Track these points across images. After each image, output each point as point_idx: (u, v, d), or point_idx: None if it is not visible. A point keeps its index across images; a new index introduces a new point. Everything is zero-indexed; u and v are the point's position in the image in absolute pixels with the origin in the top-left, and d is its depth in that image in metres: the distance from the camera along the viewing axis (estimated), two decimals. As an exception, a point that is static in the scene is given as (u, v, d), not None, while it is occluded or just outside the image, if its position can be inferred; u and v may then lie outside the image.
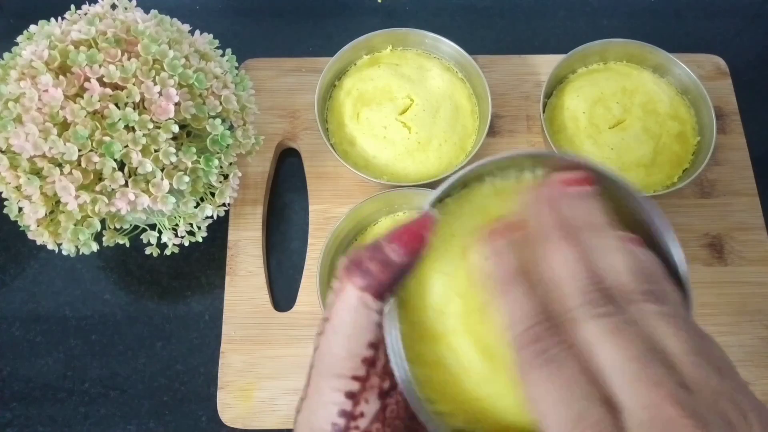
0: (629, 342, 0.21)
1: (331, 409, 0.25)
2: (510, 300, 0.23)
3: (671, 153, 0.59)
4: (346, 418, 0.25)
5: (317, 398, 0.25)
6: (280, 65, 0.67)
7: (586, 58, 0.63)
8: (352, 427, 0.25)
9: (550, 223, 0.24)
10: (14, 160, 0.46)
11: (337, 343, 0.25)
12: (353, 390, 0.25)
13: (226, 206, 0.54)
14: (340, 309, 0.24)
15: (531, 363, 0.22)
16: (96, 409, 0.56)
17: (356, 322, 0.24)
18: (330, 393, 0.25)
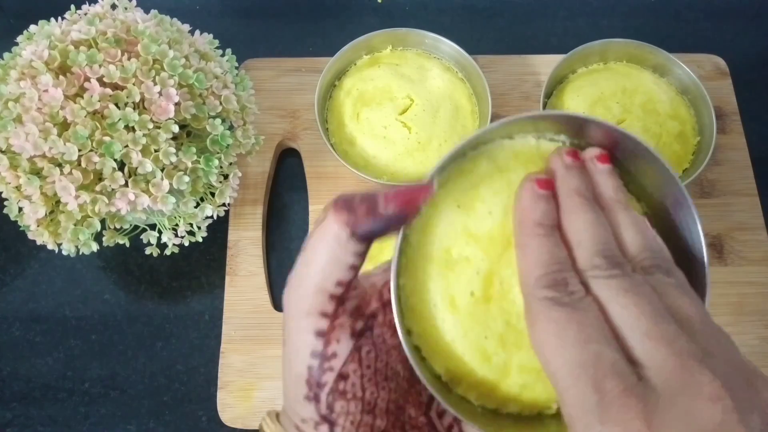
0: (641, 301, 0.22)
1: (304, 351, 0.25)
2: (540, 243, 0.24)
3: (671, 153, 0.59)
4: (319, 359, 0.25)
5: (290, 343, 0.25)
6: (280, 65, 0.67)
7: (586, 58, 0.63)
8: (326, 368, 0.25)
9: (581, 190, 0.25)
10: (14, 160, 0.46)
11: (307, 277, 0.25)
12: (322, 328, 0.25)
13: (226, 206, 0.54)
14: (317, 240, 0.25)
15: (547, 303, 0.22)
16: (96, 409, 0.56)
17: (329, 255, 0.24)
18: (300, 334, 0.25)
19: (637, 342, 0.21)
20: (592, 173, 0.26)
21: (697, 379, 0.20)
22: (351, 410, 0.25)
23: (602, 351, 0.21)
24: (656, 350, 0.21)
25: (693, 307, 0.23)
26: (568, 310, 0.22)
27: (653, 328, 0.21)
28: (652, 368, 0.21)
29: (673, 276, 0.24)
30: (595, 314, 0.22)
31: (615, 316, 0.22)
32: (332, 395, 0.25)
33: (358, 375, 0.25)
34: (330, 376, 0.25)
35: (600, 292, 0.23)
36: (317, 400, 0.25)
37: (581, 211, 0.25)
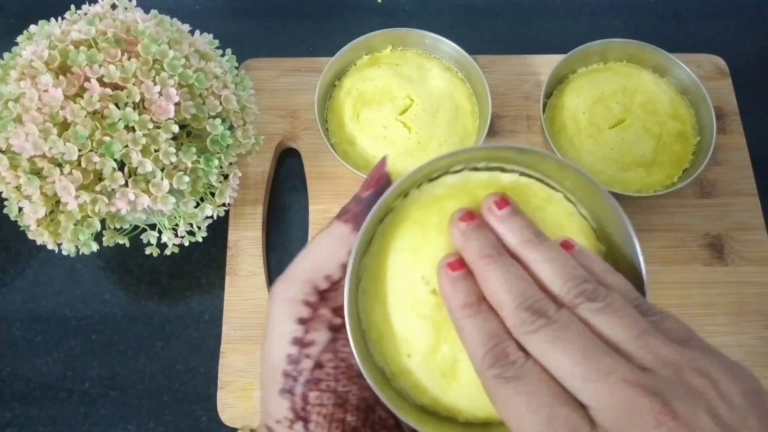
0: (570, 345, 0.23)
1: (284, 339, 0.26)
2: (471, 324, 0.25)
3: (671, 153, 0.59)
4: (298, 346, 0.26)
5: (272, 332, 0.27)
6: (280, 65, 0.67)
7: (586, 58, 0.63)
8: (304, 355, 0.26)
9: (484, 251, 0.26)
10: (14, 160, 0.46)
11: (302, 266, 0.27)
12: (304, 316, 0.26)
13: (226, 206, 0.54)
14: (322, 237, 0.28)
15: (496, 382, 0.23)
16: (96, 409, 0.56)
17: (329, 247, 0.28)
18: (283, 321, 0.26)
19: (579, 388, 0.22)
20: (493, 224, 0.27)
21: (637, 407, 0.21)
22: (324, 402, 0.26)
23: (553, 412, 0.22)
24: (597, 390, 0.22)
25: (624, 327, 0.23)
26: (514, 384, 0.23)
27: (588, 370, 0.22)
28: (599, 409, 0.22)
29: (599, 299, 0.24)
30: (538, 378, 0.23)
31: (554, 371, 0.23)
32: (307, 385, 0.26)
33: (332, 365, 0.27)
34: (307, 363, 0.26)
35: (534, 349, 0.23)
36: (292, 392, 0.26)
37: (490, 272, 0.25)
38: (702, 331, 0.57)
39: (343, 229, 0.28)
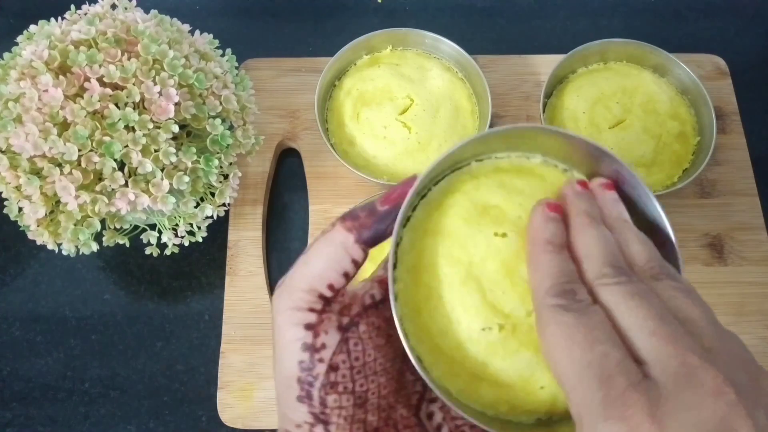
0: (648, 303, 0.23)
1: (294, 346, 0.26)
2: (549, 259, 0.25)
3: (671, 153, 0.59)
4: (309, 352, 0.26)
5: (280, 340, 0.26)
6: (280, 65, 0.67)
7: (586, 58, 0.63)
8: (317, 359, 0.26)
9: (589, 212, 0.27)
10: (14, 160, 0.46)
11: (303, 275, 0.26)
12: (311, 321, 0.26)
13: (226, 206, 0.54)
14: (321, 242, 0.27)
15: (556, 310, 0.23)
16: (96, 409, 0.56)
17: (329, 257, 0.26)
18: (290, 329, 0.26)
19: (643, 341, 0.22)
20: (599, 199, 0.28)
21: (700, 374, 0.21)
22: (343, 404, 0.26)
23: (608, 351, 0.22)
24: (661, 348, 0.22)
25: (698, 309, 0.24)
26: (576, 314, 0.23)
27: (659, 328, 0.22)
28: (657, 366, 0.21)
29: (679, 282, 0.25)
30: (601, 318, 0.23)
31: (622, 319, 0.23)
32: (324, 389, 0.25)
33: (347, 366, 0.26)
34: (321, 368, 0.26)
35: (607, 298, 0.24)
36: (309, 397, 0.25)
37: (589, 228, 0.26)
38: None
39: (345, 237, 0.27)
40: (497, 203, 0.28)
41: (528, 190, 0.29)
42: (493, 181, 0.29)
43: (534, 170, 0.30)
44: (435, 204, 0.28)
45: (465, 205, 0.28)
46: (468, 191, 0.28)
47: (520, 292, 0.27)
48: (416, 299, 0.27)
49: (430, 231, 0.28)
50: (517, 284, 0.27)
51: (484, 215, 0.28)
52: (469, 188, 0.29)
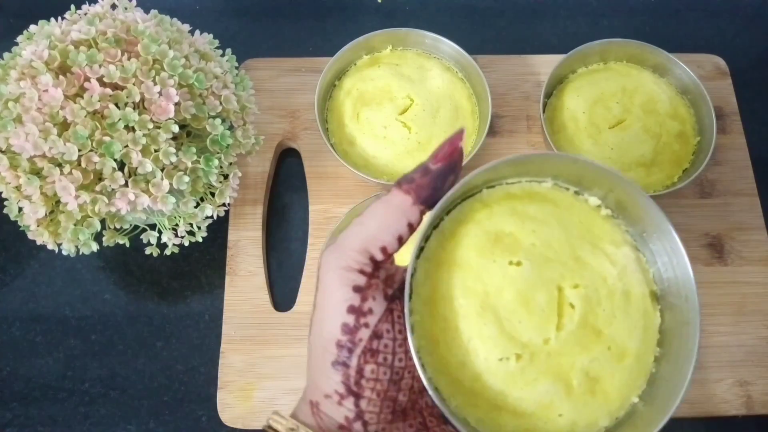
0: None
1: (340, 307, 0.25)
2: None
3: (671, 153, 0.59)
4: (355, 315, 0.25)
5: (326, 302, 0.25)
6: (280, 65, 0.67)
7: (586, 58, 0.63)
8: (362, 324, 0.25)
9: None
10: (14, 160, 0.46)
11: (357, 235, 0.26)
12: (360, 284, 0.25)
13: (226, 206, 0.54)
14: (378, 205, 0.26)
15: None
16: (96, 409, 0.56)
17: (386, 218, 0.26)
18: (339, 289, 0.25)
19: None
20: None
21: None
22: (380, 376, 0.25)
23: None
24: None
25: None
26: None
27: None
28: None
29: None
30: None
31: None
32: (364, 356, 0.25)
33: (390, 336, 0.25)
34: (365, 333, 0.25)
35: None
36: (347, 364, 0.25)
37: None
38: (702, 330, 0.57)
39: (403, 199, 0.26)
40: (511, 231, 0.28)
41: (541, 215, 0.28)
42: (505, 209, 0.29)
43: (546, 195, 0.29)
44: (448, 234, 0.28)
45: (478, 235, 0.28)
46: (480, 220, 0.28)
47: (537, 320, 0.26)
48: (433, 331, 0.27)
49: (445, 262, 0.28)
50: (533, 313, 0.26)
51: (498, 244, 0.27)
52: (481, 217, 0.28)
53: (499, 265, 0.27)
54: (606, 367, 0.27)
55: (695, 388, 0.55)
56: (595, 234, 0.29)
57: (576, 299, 0.27)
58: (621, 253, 0.29)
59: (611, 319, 0.27)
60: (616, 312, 0.28)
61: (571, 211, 0.29)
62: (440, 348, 0.27)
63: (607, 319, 0.27)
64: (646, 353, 0.28)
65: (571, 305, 0.27)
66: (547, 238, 0.28)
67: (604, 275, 0.28)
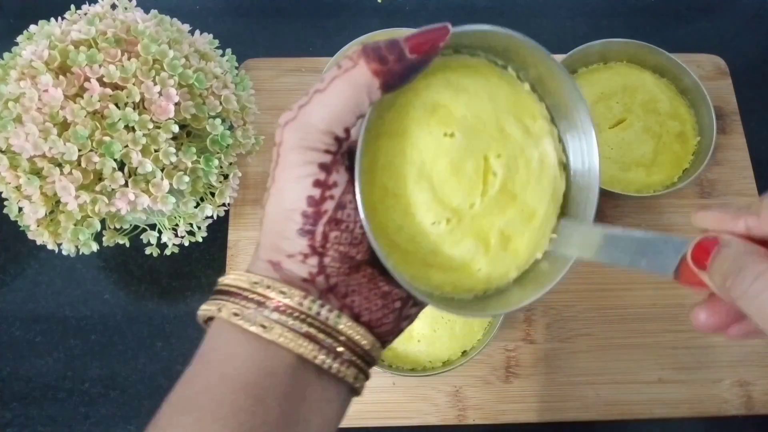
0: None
1: (305, 182, 0.26)
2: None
3: (671, 153, 0.59)
4: (320, 188, 0.26)
5: (287, 176, 0.26)
6: (280, 65, 0.67)
7: (586, 58, 0.63)
8: (327, 196, 0.26)
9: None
10: (14, 160, 0.46)
11: (320, 115, 0.26)
12: (326, 161, 0.26)
13: (226, 206, 0.54)
14: (342, 82, 0.25)
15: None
16: (96, 409, 0.56)
17: (351, 99, 0.25)
18: (302, 166, 0.26)
19: None
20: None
21: None
22: (342, 241, 0.26)
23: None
24: None
25: None
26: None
27: None
28: None
29: None
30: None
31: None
32: (329, 224, 0.26)
33: (352, 206, 0.27)
34: (330, 204, 0.26)
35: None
36: (312, 232, 0.26)
37: None
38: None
39: (371, 81, 0.25)
40: (445, 103, 0.29)
41: (473, 88, 0.30)
42: (441, 80, 0.30)
43: (478, 68, 0.31)
44: (387, 104, 0.29)
45: (416, 107, 0.29)
46: (418, 91, 0.29)
47: (465, 187, 0.29)
48: (372, 200, 0.28)
49: (384, 133, 0.29)
50: (462, 181, 0.29)
51: (434, 115, 0.29)
52: (419, 87, 0.29)
53: (434, 136, 0.29)
54: (518, 227, 0.31)
55: (695, 387, 0.55)
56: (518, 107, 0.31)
57: (498, 167, 0.30)
58: (538, 125, 0.31)
59: (526, 185, 0.31)
60: (531, 179, 0.31)
61: (500, 85, 0.31)
62: (378, 215, 0.28)
63: (523, 185, 0.30)
64: (552, 216, 0.32)
65: (494, 173, 0.30)
66: (478, 110, 0.30)
67: (523, 146, 0.31)
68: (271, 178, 0.27)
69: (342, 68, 0.25)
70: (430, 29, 0.26)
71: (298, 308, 0.26)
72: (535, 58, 0.30)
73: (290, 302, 0.26)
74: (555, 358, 0.56)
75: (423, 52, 0.26)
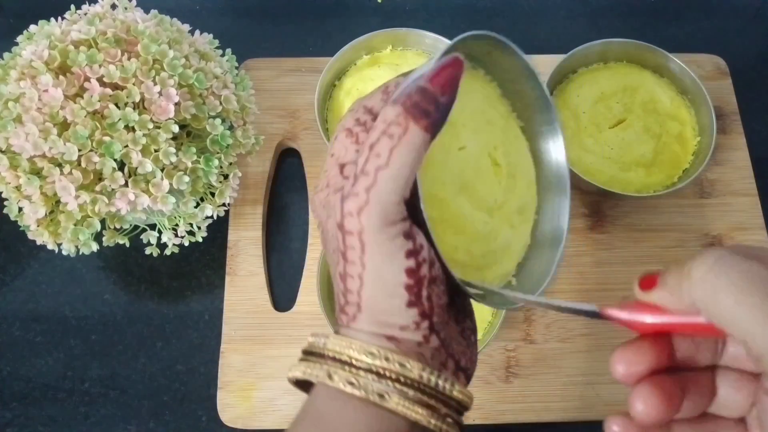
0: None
1: (400, 256, 0.26)
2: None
3: (671, 153, 0.59)
4: (413, 258, 0.26)
5: (381, 258, 0.26)
6: (280, 65, 0.67)
7: (586, 58, 0.63)
8: (421, 260, 0.26)
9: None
10: (14, 160, 0.46)
11: (392, 189, 0.25)
12: (407, 230, 0.26)
13: (226, 206, 0.54)
14: (403, 150, 0.25)
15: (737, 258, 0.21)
16: (96, 409, 0.56)
17: (414, 162, 0.25)
18: (391, 242, 0.26)
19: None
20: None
21: None
22: (441, 294, 0.27)
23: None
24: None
25: None
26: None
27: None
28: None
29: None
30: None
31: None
32: (430, 287, 0.27)
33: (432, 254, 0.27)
34: (425, 269, 0.26)
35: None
36: (419, 298, 0.26)
37: None
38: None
39: (424, 138, 0.25)
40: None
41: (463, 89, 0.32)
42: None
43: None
44: None
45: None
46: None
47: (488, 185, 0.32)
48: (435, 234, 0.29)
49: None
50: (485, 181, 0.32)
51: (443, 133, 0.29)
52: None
53: (451, 154, 0.31)
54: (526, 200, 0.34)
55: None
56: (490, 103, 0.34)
57: (501, 157, 0.33)
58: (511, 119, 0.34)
59: (516, 165, 0.33)
60: (520, 159, 0.34)
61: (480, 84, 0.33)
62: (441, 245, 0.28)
63: (515, 165, 0.33)
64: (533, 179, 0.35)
65: (498, 164, 0.33)
66: (469, 108, 0.32)
67: (505, 132, 0.33)
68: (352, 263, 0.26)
69: (395, 136, 0.25)
70: (445, 65, 0.26)
71: (418, 380, 0.26)
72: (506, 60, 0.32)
73: (410, 375, 0.26)
74: (555, 358, 0.56)
75: (450, 92, 0.26)
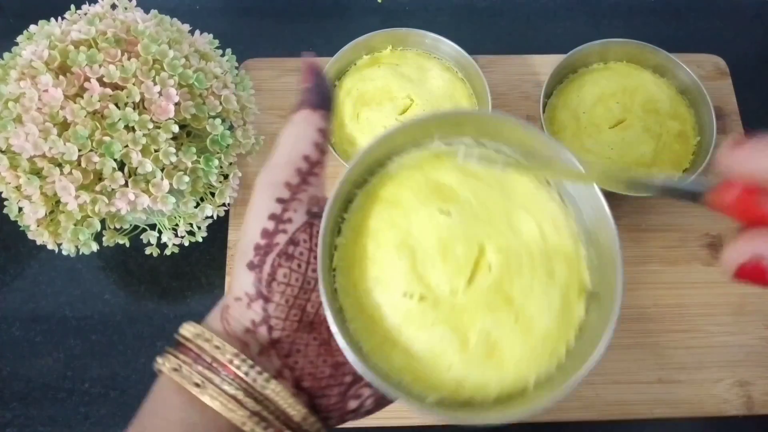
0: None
1: (262, 214, 0.26)
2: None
3: (671, 153, 0.59)
4: (274, 221, 0.26)
5: (250, 210, 0.27)
6: (280, 65, 0.67)
7: (586, 58, 0.63)
8: (280, 230, 0.26)
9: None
10: (14, 160, 0.46)
11: (280, 153, 0.28)
12: (283, 196, 0.27)
13: (226, 206, 0.54)
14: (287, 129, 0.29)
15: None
16: (96, 409, 0.56)
17: (296, 134, 0.28)
18: (263, 201, 0.27)
19: None
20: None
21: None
22: (292, 282, 0.26)
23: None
24: None
25: None
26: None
27: None
28: None
29: None
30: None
31: None
32: (278, 258, 0.26)
33: (307, 246, 0.27)
34: (282, 238, 0.26)
35: None
36: (261, 265, 0.26)
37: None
38: (702, 330, 0.57)
39: (302, 113, 0.29)
40: (451, 184, 0.29)
41: (485, 175, 0.30)
42: (454, 163, 0.30)
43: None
44: (393, 175, 0.30)
45: (419, 180, 0.29)
46: (426, 169, 0.30)
47: (450, 270, 0.27)
48: (352, 256, 0.28)
49: (382, 198, 0.29)
50: (448, 262, 0.27)
51: (435, 192, 0.29)
52: (429, 167, 0.30)
53: (428, 209, 0.28)
54: (509, 336, 0.27)
55: (695, 387, 0.55)
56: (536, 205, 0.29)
57: (495, 262, 0.28)
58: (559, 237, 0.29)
59: (527, 292, 0.27)
60: (535, 286, 0.28)
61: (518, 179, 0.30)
62: (354, 272, 0.28)
63: (524, 290, 0.27)
64: (558, 339, 0.28)
65: (489, 266, 0.28)
66: (485, 198, 0.29)
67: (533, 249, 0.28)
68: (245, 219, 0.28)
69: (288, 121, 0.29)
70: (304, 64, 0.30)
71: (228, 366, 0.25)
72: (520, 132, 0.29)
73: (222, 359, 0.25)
74: (555, 358, 0.57)
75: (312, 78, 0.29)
